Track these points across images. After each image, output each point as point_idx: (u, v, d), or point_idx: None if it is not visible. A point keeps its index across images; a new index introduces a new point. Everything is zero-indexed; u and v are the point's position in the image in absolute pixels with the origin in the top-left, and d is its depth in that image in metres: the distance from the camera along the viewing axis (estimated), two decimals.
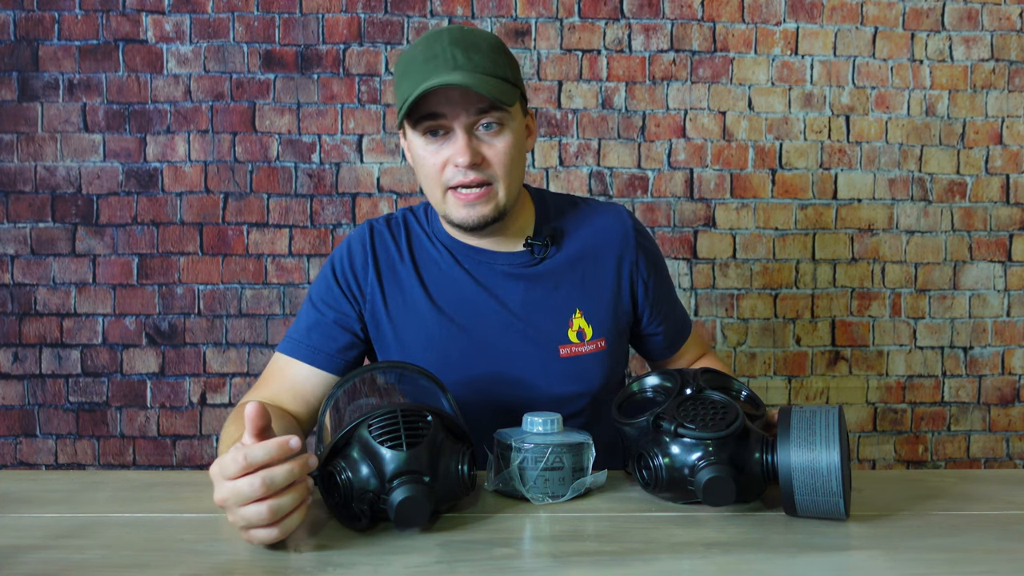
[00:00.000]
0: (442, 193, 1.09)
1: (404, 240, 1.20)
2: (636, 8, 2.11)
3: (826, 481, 0.80)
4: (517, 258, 1.17)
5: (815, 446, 0.81)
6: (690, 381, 0.96)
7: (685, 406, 0.91)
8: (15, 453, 2.06)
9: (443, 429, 0.85)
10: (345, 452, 0.83)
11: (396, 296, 1.17)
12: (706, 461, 0.85)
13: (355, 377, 0.95)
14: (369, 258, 1.17)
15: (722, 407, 0.90)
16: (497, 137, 1.07)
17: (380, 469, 0.80)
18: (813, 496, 0.81)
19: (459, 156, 1.05)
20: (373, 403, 0.88)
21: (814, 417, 0.84)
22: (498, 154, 1.07)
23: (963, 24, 2.16)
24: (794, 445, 0.82)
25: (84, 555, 0.76)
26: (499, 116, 1.06)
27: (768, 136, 2.14)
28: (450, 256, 1.18)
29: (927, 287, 2.18)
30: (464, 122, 1.05)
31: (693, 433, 0.87)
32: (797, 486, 0.81)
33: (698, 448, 0.86)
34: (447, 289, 1.16)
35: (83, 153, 2.06)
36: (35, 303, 2.06)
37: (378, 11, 2.08)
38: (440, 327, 1.15)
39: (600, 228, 1.21)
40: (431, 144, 1.07)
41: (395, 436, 0.81)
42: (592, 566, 0.73)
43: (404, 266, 1.18)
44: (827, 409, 0.85)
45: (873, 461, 2.18)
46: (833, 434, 0.81)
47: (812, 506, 0.82)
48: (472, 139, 1.06)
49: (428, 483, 0.80)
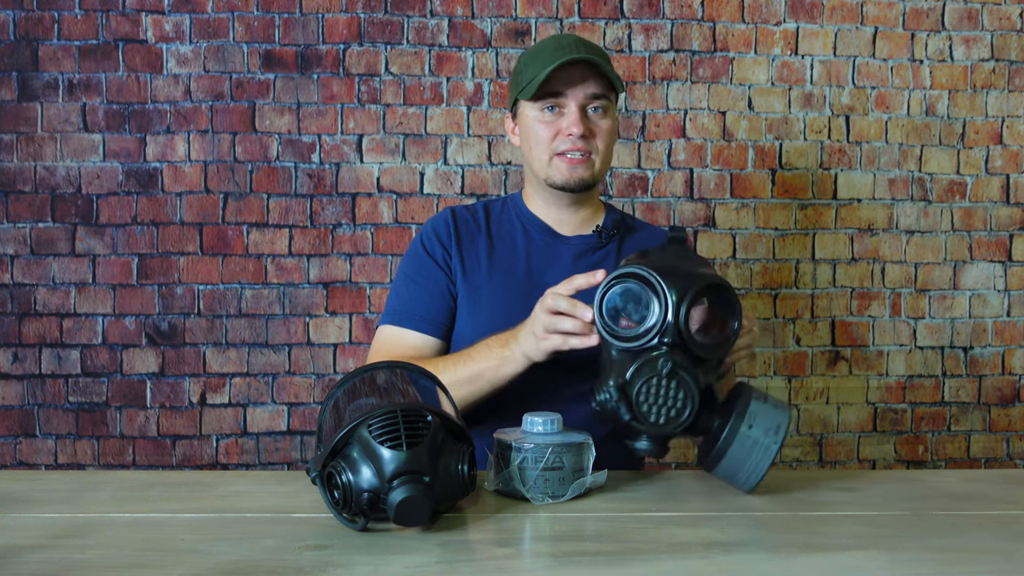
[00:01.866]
0: (549, 157, 1.29)
1: (483, 219, 1.38)
2: (636, 8, 2.11)
3: (755, 466, 0.92)
4: (585, 241, 1.35)
5: (760, 438, 0.92)
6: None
7: (646, 387, 0.92)
8: (15, 453, 2.06)
9: (443, 429, 0.85)
10: (345, 452, 0.83)
11: (473, 262, 1.33)
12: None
13: (355, 377, 0.95)
14: (452, 230, 1.35)
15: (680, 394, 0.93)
16: (602, 119, 1.29)
17: (380, 469, 0.80)
18: (734, 470, 0.93)
19: (574, 127, 1.25)
20: (373, 403, 0.88)
21: (768, 411, 0.94)
22: (601, 131, 1.29)
23: (963, 24, 2.16)
24: (743, 428, 0.92)
25: (84, 555, 0.76)
26: (606, 102, 1.28)
27: (768, 136, 2.14)
28: (524, 234, 1.36)
29: (927, 287, 2.18)
30: (579, 100, 1.26)
31: (641, 425, 0.92)
32: (731, 455, 0.92)
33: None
34: (519, 261, 1.33)
35: (83, 153, 2.06)
36: (35, 303, 2.06)
37: (378, 11, 2.08)
38: (507, 292, 1.30)
39: (659, 238, 1.39)
40: (547, 117, 1.28)
41: (395, 436, 0.81)
42: (592, 566, 0.73)
43: (481, 237, 1.35)
44: (780, 407, 0.95)
45: (873, 461, 2.18)
46: (780, 434, 0.92)
47: (729, 475, 0.94)
48: (583, 115, 1.27)
49: (428, 483, 0.80)
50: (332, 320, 2.09)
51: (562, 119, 1.27)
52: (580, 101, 1.27)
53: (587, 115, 1.28)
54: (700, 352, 0.93)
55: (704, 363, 0.94)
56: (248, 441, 2.08)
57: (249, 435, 2.08)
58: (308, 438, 2.09)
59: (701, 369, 0.93)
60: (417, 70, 2.09)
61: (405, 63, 2.09)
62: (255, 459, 2.08)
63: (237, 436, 2.08)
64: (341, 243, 2.09)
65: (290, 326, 2.08)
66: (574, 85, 1.26)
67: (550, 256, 1.34)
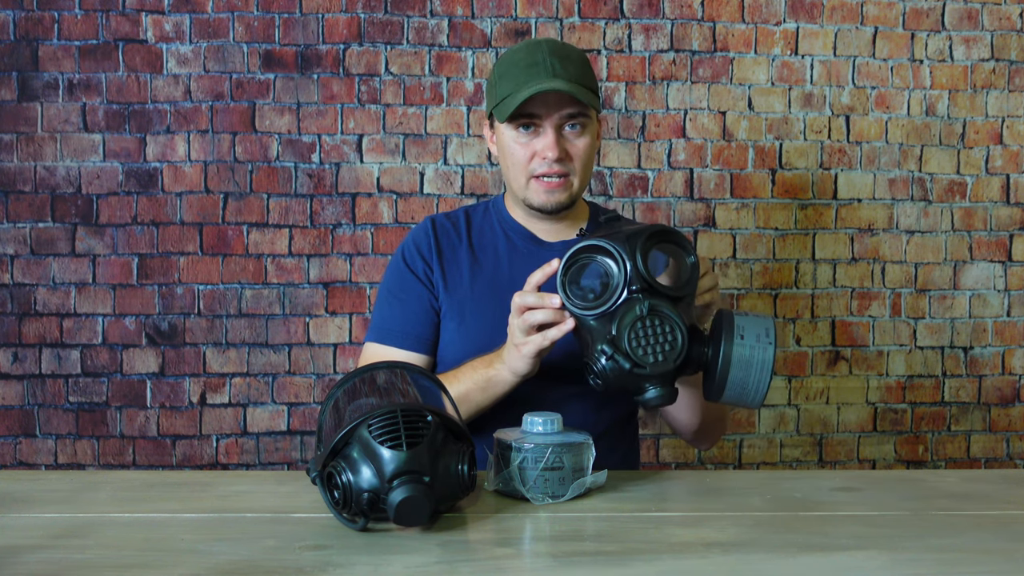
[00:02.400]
0: (526, 180, 1.26)
1: (464, 228, 1.35)
2: (636, 8, 2.11)
3: (759, 376, 0.93)
4: (569, 245, 1.31)
5: (755, 345, 0.94)
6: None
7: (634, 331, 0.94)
8: (15, 453, 2.06)
9: (443, 429, 0.85)
10: (345, 452, 0.83)
11: (455, 275, 1.31)
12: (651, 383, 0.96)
13: (355, 377, 0.95)
14: (432, 243, 1.33)
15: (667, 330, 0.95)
16: (579, 137, 1.25)
17: (380, 469, 0.80)
18: (743, 387, 0.94)
19: (548, 151, 1.22)
20: (373, 403, 0.88)
21: (754, 320, 0.96)
22: (578, 151, 1.25)
23: (963, 24, 2.16)
24: (737, 342, 0.93)
25: (84, 555, 0.76)
26: (583, 120, 1.24)
27: (768, 136, 2.14)
28: (507, 241, 1.33)
29: (927, 287, 2.18)
30: (554, 122, 1.22)
31: (644, 370, 0.93)
32: (733, 375, 0.93)
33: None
34: (502, 270, 1.31)
35: (83, 153, 2.06)
36: (35, 303, 2.06)
37: (378, 11, 2.08)
38: (491, 302, 1.27)
39: None
40: (522, 137, 1.24)
41: (395, 436, 0.81)
42: (592, 566, 0.73)
43: (462, 248, 1.33)
44: (760, 316, 0.98)
45: (873, 461, 2.18)
46: (771, 336, 0.94)
47: (738, 395, 0.95)
48: (560, 137, 1.23)
49: (428, 483, 0.80)
50: (332, 320, 2.09)
51: (537, 140, 1.23)
52: (556, 122, 1.22)
53: (564, 134, 1.24)
54: (668, 291, 0.96)
55: (679, 302, 0.97)
56: (248, 441, 2.08)
57: (249, 435, 2.08)
58: (308, 438, 2.09)
59: (679, 307, 0.96)
60: (417, 70, 2.09)
61: (405, 63, 2.09)
62: (255, 459, 2.08)
63: (237, 436, 2.08)
64: (341, 243, 2.09)
65: (290, 326, 2.08)
66: (550, 106, 1.22)
67: (533, 264, 1.29)
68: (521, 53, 1.24)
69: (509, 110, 1.20)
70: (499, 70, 1.26)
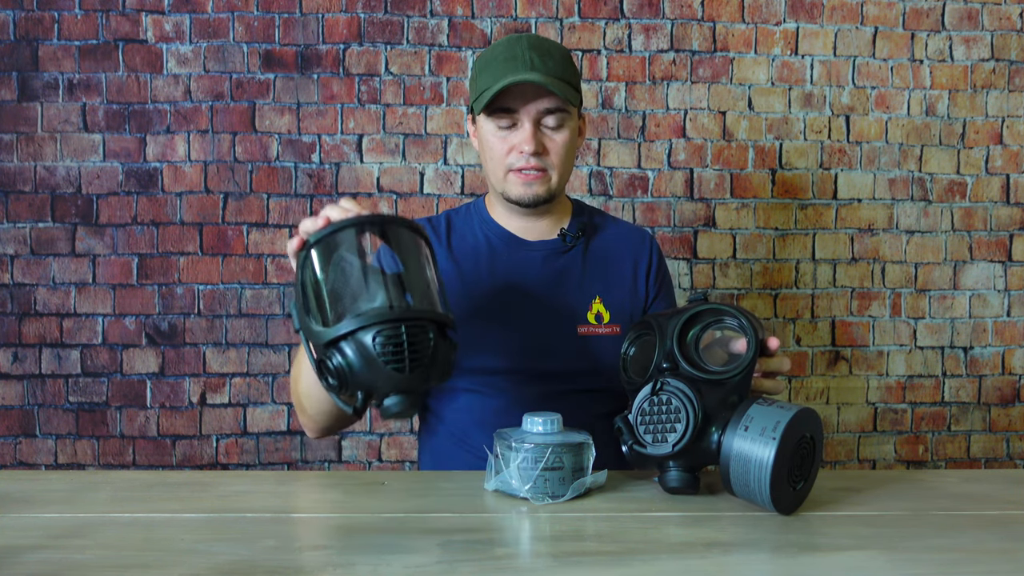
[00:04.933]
0: (504, 173, 1.25)
1: (445, 232, 1.33)
2: (636, 8, 2.11)
3: (757, 475, 0.84)
4: (549, 245, 1.31)
5: (756, 439, 0.85)
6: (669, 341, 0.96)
7: (644, 415, 0.91)
8: (15, 453, 2.06)
9: (440, 335, 0.89)
10: (341, 347, 0.85)
11: None
12: (667, 466, 0.92)
13: (340, 236, 0.93)
14: None
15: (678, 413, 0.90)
16: (557, 132, 1.23)
17: (379, 381, 0.84)
18: (745, 484, 0.86)
19: (525, 144, 1.21)
20: (364, 283, 0.88)
21: (768, 412, 0.87)
22: (556, 146, 1.23)
23: (963, 24, 2.16)
24: (739, 433, 0.86)
25: (84, 555, 0.76)
26: (562, 115, 1.22)
27: (768, 136, 2.14)
28: (488, 243, 1.31)
29: (927, 287, 2.18)
30: (532, 116, 1.21)
31: (648, 451, 0.91)
32: (733, 470, 0.86)
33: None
34: (482, 273, 1.29)
35: (83, 153, 2.06)
36: (35, 303, 2.06)
37: (378, 11, 2.08)
38: (472, 306, 1.26)
39: (625, 235, 1.36)
40: (501, 131, 1.23)
41: (399, 357, 0.84)
42: (592, 566, 0.73)
43: (441, 252, 1.31)
44: (787, 407, 0.87)
45: (873, 461, 2.18)
46: (778, 432, 0.84)
47: (744, 492, 0.87)
48: (537, 131, 1.22)
49: (420, 395, 0.87)
50: None
51: (515, 134, 1.22)
52: (534, 116, 1.21)
53: (541, 129, 1.22)
54: (700, 374, 0.91)
55: (718, 386, 0.91)
56: (248, 441, 2.08)
57: (249, 435, 2.08)
58: (308, 438, 2.09)
59: (711, 391, 0.90)
60: (417, 70, 2.09)
61: (405, 63, 2.09)
62: (255, 459, 2.08)
63: (237, 436, 2.08)
64: None
65: (290, 326, 2.08)
66: (527, 100, 1.20)
67: (512, 264, 1.29)
68: (501, 47, 1.24)
69: (486, 101, 1.20)
70: (480, 64, 1.26)
